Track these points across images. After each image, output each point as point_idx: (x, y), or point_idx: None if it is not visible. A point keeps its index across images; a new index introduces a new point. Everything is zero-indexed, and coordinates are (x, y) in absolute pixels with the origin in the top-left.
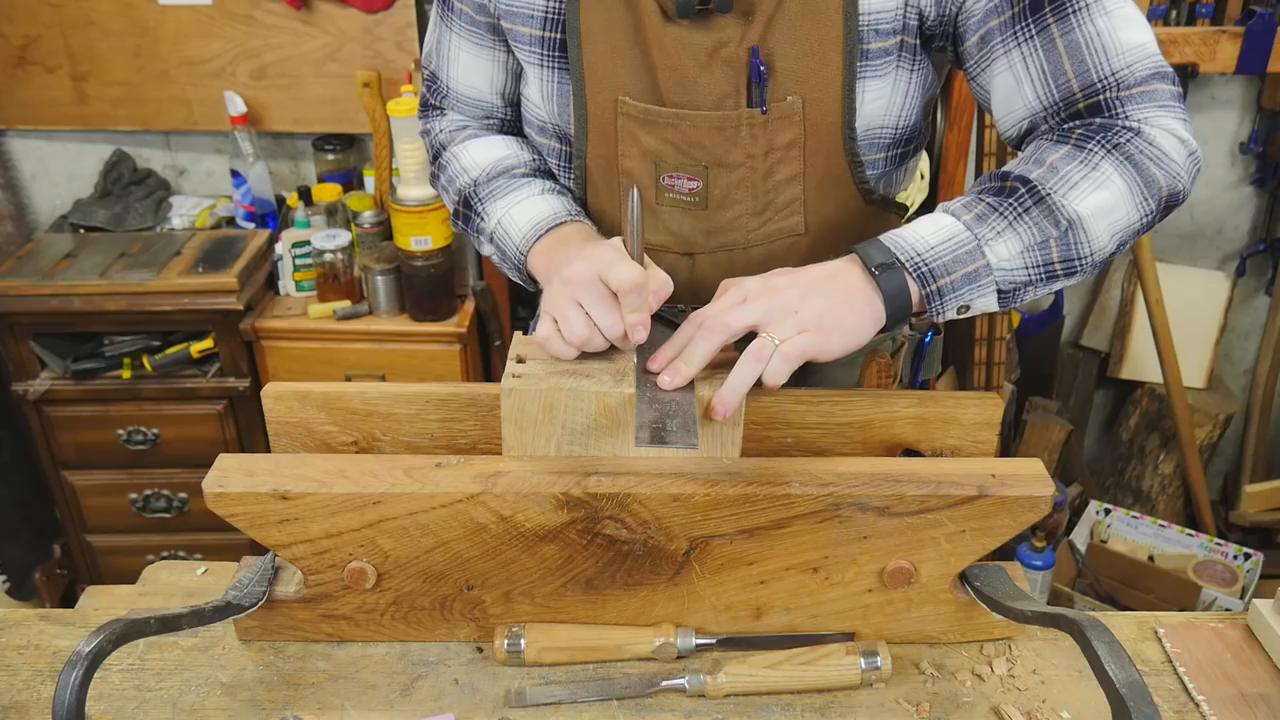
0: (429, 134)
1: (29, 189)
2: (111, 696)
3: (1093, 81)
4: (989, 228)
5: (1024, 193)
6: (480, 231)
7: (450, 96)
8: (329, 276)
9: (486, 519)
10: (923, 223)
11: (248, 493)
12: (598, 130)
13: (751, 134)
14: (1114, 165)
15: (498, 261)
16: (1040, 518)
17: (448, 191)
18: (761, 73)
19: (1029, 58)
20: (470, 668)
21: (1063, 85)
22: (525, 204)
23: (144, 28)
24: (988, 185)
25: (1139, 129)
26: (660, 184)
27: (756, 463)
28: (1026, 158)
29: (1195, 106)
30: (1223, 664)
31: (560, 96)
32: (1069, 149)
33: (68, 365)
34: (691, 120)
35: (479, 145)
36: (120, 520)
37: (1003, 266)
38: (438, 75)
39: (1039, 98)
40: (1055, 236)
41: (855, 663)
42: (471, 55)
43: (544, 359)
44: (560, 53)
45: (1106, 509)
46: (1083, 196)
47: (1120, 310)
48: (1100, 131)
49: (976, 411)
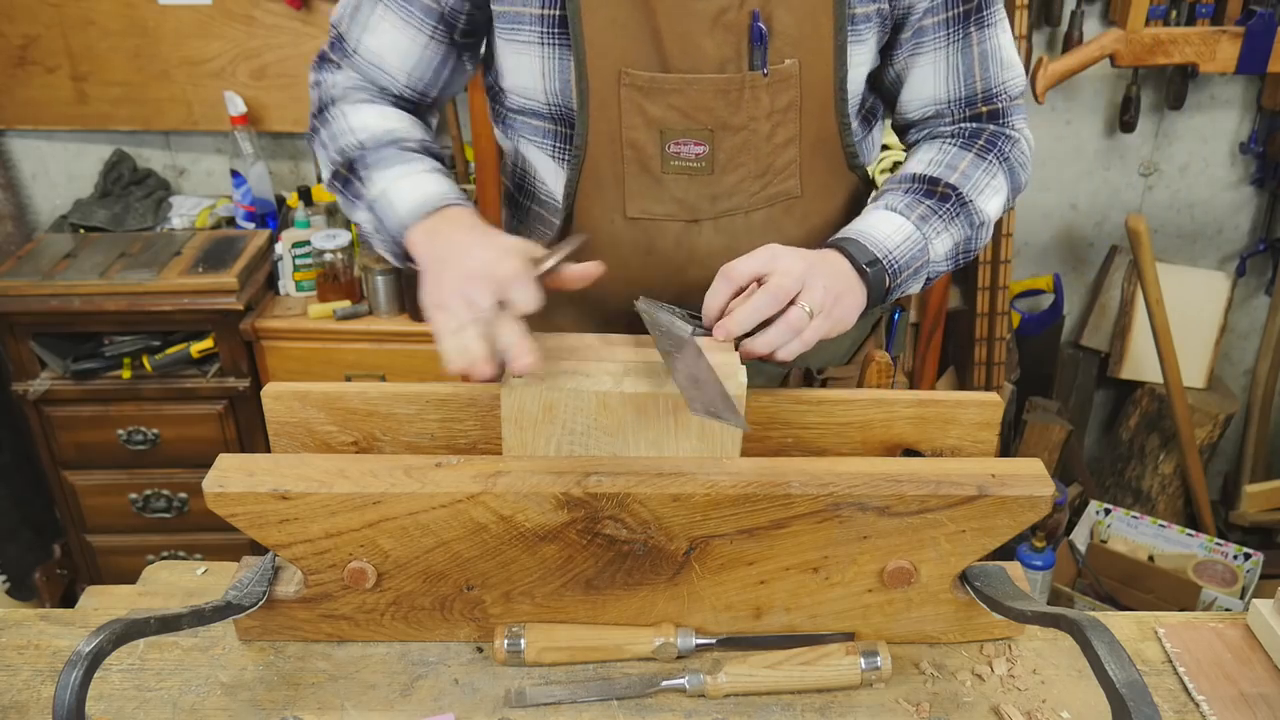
0: (319, 85)
1: (29, 189)
2: (111, 696)
3: (991, 87)
4: (931, 228)
5: (954, 200)
6: (358, 196)
7: (354, 59)
8: (329, 276)
9: (486, 519)
10: (881, 222)
11: (248, 493)
12: (599, 104)
13: (754, 96)
14: (1005, 174)
15: (369, 232)
16: (1040, 518)
17: (327, 148)
18: (763, 35)
19: (951, 57)
20: (470, 668)
21: (970, 85)
22: (414, 178)
23: (144, 28)
24: (918, 187)
25: (1017, 139)
26: (666, 152)
27: (756, 463)
28: (940, 161)
29: (1195, 106)
30: (1223, 664)
31: (562, 74)
32: (974, 157)
33: (68, 365)
34: (698, 85)
35: (371, 110)
36: (120, 520)
37: (936, 261)
38: (345, 37)
39: (949, 92)
40: (970, 235)
41: (855, 663)
42: (394, 29)
43: (546, 360)
44: (561, 29)
45: (1106, 509)
46: (988, 201)
47: (1120, 310)
48: (996, 140)
49: (976, 411)
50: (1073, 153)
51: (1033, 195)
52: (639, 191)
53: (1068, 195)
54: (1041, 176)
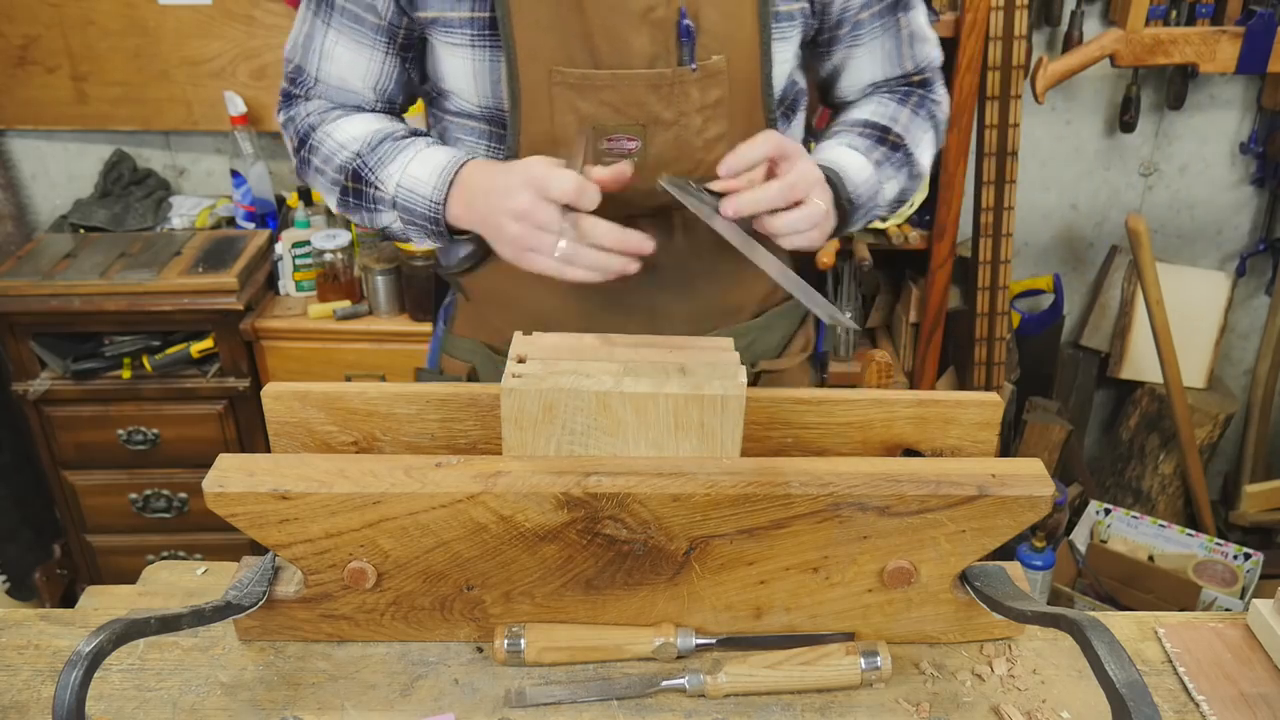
0: (293, 121)
1: (29, 189)
2: (111, 696)
3: (920, 63)
4: (884, 174)
5: (902, 150)
6: (378, 202)
7: (318, 88)
8: (329, 276)
9: (486, 519)
10: (851, 159)
11: (248, 493)
12: (531, 104)
13: (684, 92)
14: (934, 132)
15: (401, 228)
16: (1040, 518)
17: (324, 172)
18: (690, 31)
19: (885, 43)
20: (470, 668)
21: (901, 64)
22: (420, 158)
23: (144, 28)
24: (871, 133)
25: (940, 102)
26: (600, 149)
27: (756, 463)
28: (884, 114)
29: (1195, 106)
30: (1223, 664)
31: (493, 74)
32: (910, 112)
33: (68, 365)
34: (629, 80)
35: (352, 121)
36: (120, 520)
37: (881, 206)
38: (303, 69)
39: (885, 72)
40: (908, 186)
41: (855, 663)
42: (350, 51)
43: (544, 359)
44: (491, 30)
45: (1106, 509)
46: (924, 155)
47: (1120, 310)
48: (924, 101)
49: (976, 411)
50: (1073, 153)
51: (1033, 195)
52: None
53: (1068, 195)
54: (1041, 176)
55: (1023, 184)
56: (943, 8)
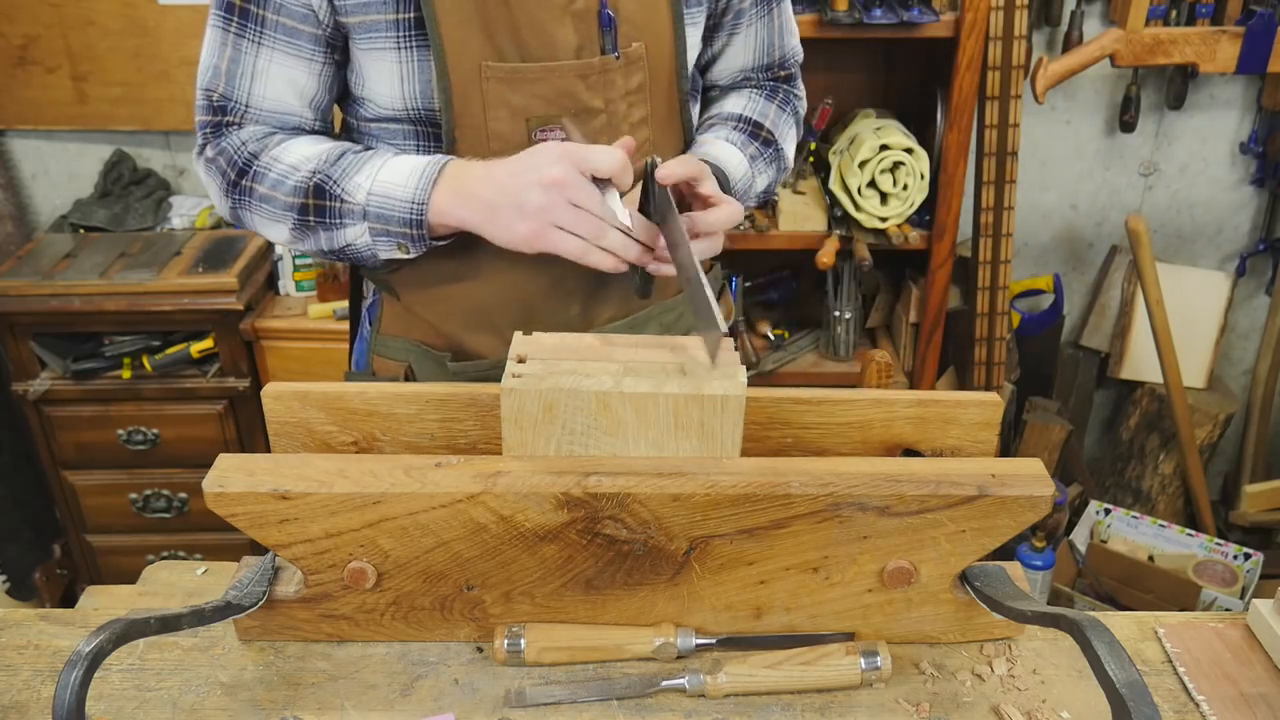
0: (224, 153)
1: (29, 189)
2: (111, 696)
3: (786, 54)
4: (757, 168)
5: (774, 147)
6: (344, 215)
7: (250, 114)
8: (329, 276)
9: (486, 519)
10: (729, 154)
11: (248, 493)
12: (462, 101)
13: (609, 80)
14: (797, 128)
15: (368, 241)
16: (1040, 518)
17: (273, 199)
18: (611, 20)
19: (759, 32)
20: (470, 668)
21: (771, 53)
22: (391, 164)
23: (144, 28)
24: (744, 127)
25: (801, 97)
26: (533, 139)
27: (756, 463)
28: (754, 109)
29: (1195, 106)
30: (1223, 664)
31: (422, 75)
32: (777, 109)
33: (68, 365)
34: (559, 71)
35: (300, 143)
36: (120, 520)
37: (751, 199)
38: (231, 96)
39: (756, 60)
40: (775, 179)
41: (855, 663)
42: (285, 68)
43: (544, 359)
44: (418, 30)
45: (1106, 509)
46: (789, 148)
47: (1120, 310)
48: (790, 98)
49: (976, 411)
50: (1073, 153)
51: (1033, 195)
52: None
53: (1068, 195)
54: (1041, 176)
55: (1023, 184)
56: (943, 8)
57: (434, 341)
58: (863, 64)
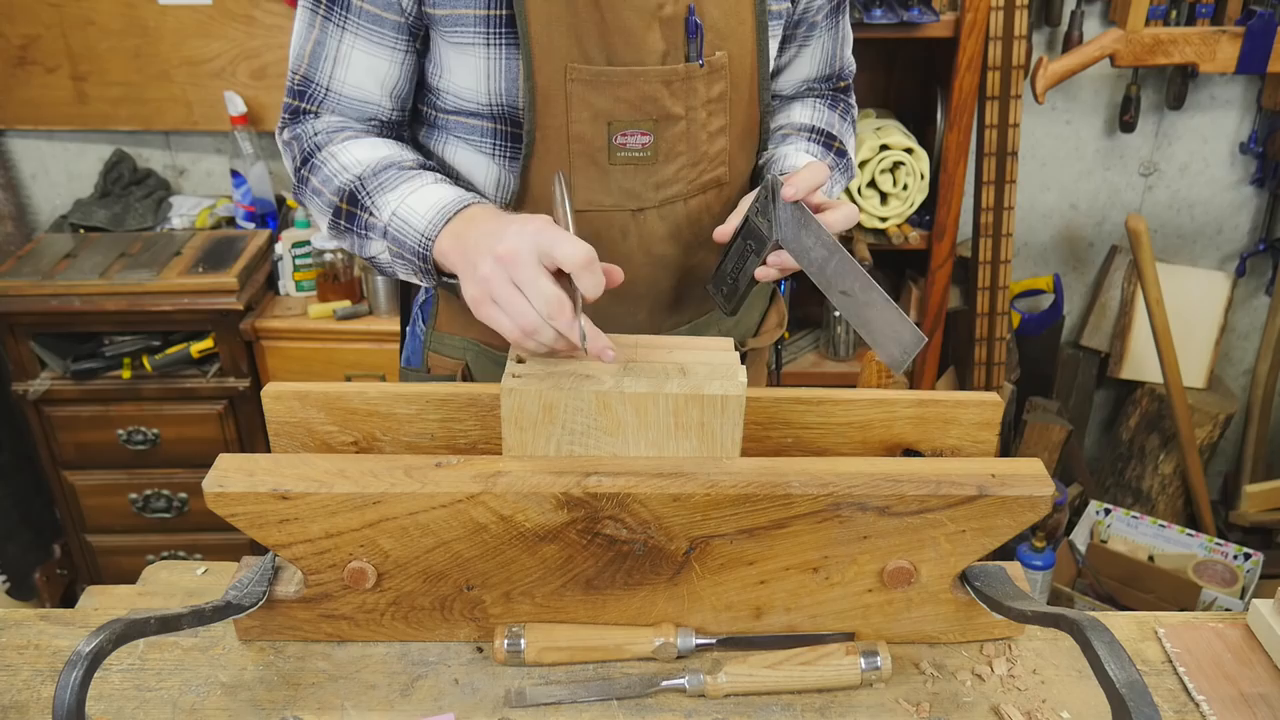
0: (299, 139)
1: (29, 189)
2: (111, 696)
3: (845, 65)
4: (834, 179)
5: (847, 157)
6: (369, 228)
7: (330, 100)
8: (329, 276)
9: (486, 519)
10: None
11: (248, 493)
12: (545, 101)
13: (691, 87)
14: (854, 137)
15: (387, 261)
16: (1040, 518)
17: (321, 194)
18: (698, 27)
19: (826, 43)
20: (470, 668)
21: (834, 64)
22: (422, 191)
23: (144, 28)
24: (818, 138)
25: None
26: (613, 144)
27: (756, 463)
28: (823, 119)
29: (1195, 106)
30: (1223, 664)
31: (509, 72)
32: (839, 118)
33: (68, 365)
34: (644, 76)
35: (361, 144)
36: (120, 520)
37: None
38: (312, 79)
39: (819, 71)
40: (844, 186)
41: (855, 663)
42: (368, 55)
43: (544, 359)
44: (508, 28)
45: (1106, 509)
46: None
47: (1120, 310)
48: (850, 110)
49: (976, 411)
50: (1073, 153)
51: (1033, 195)
52: (586, 184)
53: (1068, 195)
54: (1041, 176)
55: (1023, 184)
56: (943, 8)
57: (493, 340)
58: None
